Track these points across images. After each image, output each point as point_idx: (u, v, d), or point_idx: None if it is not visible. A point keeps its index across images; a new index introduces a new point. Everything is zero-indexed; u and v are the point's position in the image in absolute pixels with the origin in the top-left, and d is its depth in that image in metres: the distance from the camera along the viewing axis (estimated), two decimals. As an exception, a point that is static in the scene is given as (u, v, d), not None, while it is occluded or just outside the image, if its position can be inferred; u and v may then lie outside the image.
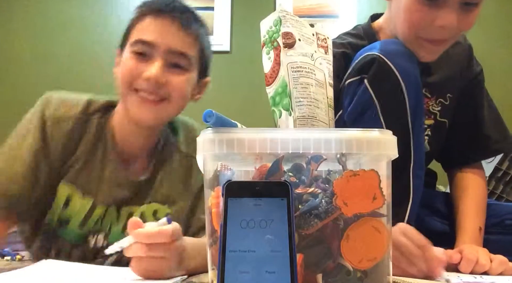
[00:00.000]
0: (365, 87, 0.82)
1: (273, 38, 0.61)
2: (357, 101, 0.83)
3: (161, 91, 0.82)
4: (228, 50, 2.51)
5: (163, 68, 0.82)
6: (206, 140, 0.50)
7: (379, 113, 0.81)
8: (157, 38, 0.82)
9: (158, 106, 0.83)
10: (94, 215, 0.87)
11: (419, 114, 0.83)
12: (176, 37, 0.83)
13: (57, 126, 0.84)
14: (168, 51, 0.83)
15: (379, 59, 0.81)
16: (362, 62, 0.84)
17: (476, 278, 0.67)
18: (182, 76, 0.85)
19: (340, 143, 0.50)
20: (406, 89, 0.80)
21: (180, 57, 0.84)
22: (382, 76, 0.81)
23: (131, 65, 0.83)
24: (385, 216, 0.51)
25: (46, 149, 0.83)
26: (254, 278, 0.39)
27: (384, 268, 0.51)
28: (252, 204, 0.43)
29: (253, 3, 2.54)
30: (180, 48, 0.84)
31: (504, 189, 1.84)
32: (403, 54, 0.84)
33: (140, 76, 0.81)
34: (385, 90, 0.81)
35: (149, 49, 0.82)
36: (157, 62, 0.82)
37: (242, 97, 2.46)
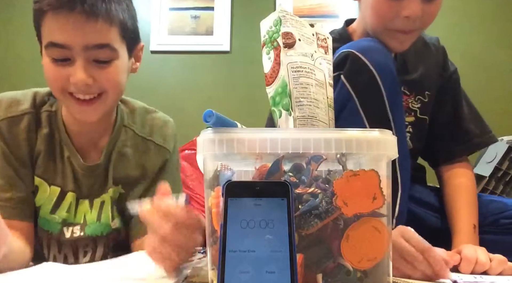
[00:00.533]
0: (342, 82, 0.85)
1: (273, 38, 0.61)
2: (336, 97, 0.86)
3: (94, 89, 0.79)
4: (228, 50, 2.51)
5: (87, 67, 0.77)
6: (206, 140, 0.50)
7: (358, 106, 0.83)
8: (68, 39, 0.75)
9: (97, 103, 0.81)
10: (64, 202, 0.88)
11: (397, 105, 0.85)
12: (85, 31, 0.75)
13: (12, 126, 0.85)
14: (85, 48, 0.76)
15: (352, 54, 0.84)
16: (337, 60, 0.86)
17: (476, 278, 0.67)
18: (109, 69, 0.80)
19: (340, 143, 0.50)
20: (381, 81, 0.82)
21: (100, 50, 0.77)
22: (357, 70, 0.84)
23: (54, 73, 0.78)
24: (385, 216, 0.51)
25: (11, 150, 0.84)
26: (254, 278, 0.39)
27: (384, 268, 0.51)
28: (252, 204, 0.43)
29: (253, 3, 2.54)
30: (95, 41, 0.76)
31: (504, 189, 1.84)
32: (376, 49, 0.87)
33: (67, 81, 0.78)
34: (361, 84, 0.84)
35: (65, 51, 0.76)
36: (77, 64, 0.76)
37: (242, 97, 2.46)
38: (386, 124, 0.83)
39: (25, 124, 0.86)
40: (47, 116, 0.88)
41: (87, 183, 0.89)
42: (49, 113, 0.88)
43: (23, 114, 0.86)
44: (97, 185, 0.90)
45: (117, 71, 0.82)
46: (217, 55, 2.53)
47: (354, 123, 0.82)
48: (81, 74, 0.76)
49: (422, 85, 1.06)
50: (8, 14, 2.61)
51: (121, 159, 0.92)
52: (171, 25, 2.54)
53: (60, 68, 0.78)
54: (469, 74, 2.31)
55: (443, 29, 2.34)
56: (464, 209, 0.99)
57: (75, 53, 0.76)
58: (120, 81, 0.83)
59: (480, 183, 1.83)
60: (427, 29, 1.02)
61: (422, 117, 1.07)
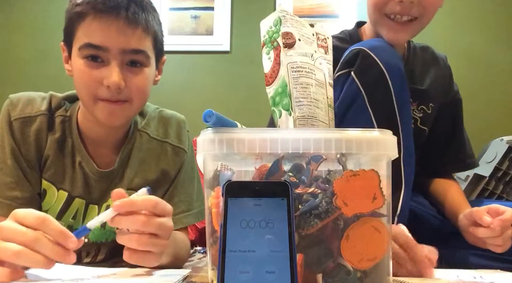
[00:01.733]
0: (352, 78, 0.86)
1: (273, 38, 0.61)
2: (345, 92, 0.87)
3: (123, 94, 0.80)
4: (228, 50, 2.51)
5: (121, 70, 0.79)
6: (206, 140, 0.50)
7: (366, 102, 0.84)
8: (106, 41, 0.77)
9: (123, 107, 0.81)
10: (71, 208, 0.88)
11: (405, 103, 0.86)
12: (126, 36, 0.78)
13: (25, 126, 0.85)
14: (121, 52, 0.78)
15: (363, 52, 0.85)
16: (348, 56, 0.88)
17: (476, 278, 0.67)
18: (141, 75, 0.82)
19: (340, 143, 0.50)
20: (390, 79, 0.83)
21: (135, 55, 0.81)
22: (367, 67, 0.85)
23: (87, 75, 0.79)
24: (385, 216, 0.51)
25: (21, 150, 0.85)
26: (254, 278, 0.39)
27: (384, 268, 0.51)
28: (252, 204, 0.43)
29: (253, 3, 2.54)
30: (133, 46, 0.79)
31: (504, 189, 1.84)
32: (386, 48, 0.88)
33: (100, 84, 0.78)
34: (370, 80, 0.85)
35: (101, 52, 0.78)
36: (113, 66, 0.78)
37: (242, 97, 2.46)
38: (393, 121, 0.84)
39: (37, 126, 0.86)
40: (61, 121, 0.88)
41: (99, 188, 0.88)
42: (63, 118, 0.88)
43: (36, 115, 0.86)
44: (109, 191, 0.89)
45: (146, 79, 0.83)
46: (217, 55, 2.53)
47: (362, 119, 0.84)
48: (116, 75, 0.77)
49: (427, 96, 1.07)
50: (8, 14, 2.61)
51: (139, 164, 0.91)
52: (171, 25, 2.53)
53: (93, 70, 0.79)
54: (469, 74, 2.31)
55: (443, 29, 2.34)
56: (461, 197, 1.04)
57: (112, 56, 0.78)
58: (147, 90, 0.85)
59: (480, 183, 1.83)
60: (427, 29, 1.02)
61: (421, 127, 1.08)
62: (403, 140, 0.84)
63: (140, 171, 0.91)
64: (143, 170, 0.91)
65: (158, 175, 0.92)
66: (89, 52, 0.78)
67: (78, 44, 0.79)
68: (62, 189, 0.88)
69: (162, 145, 0.93)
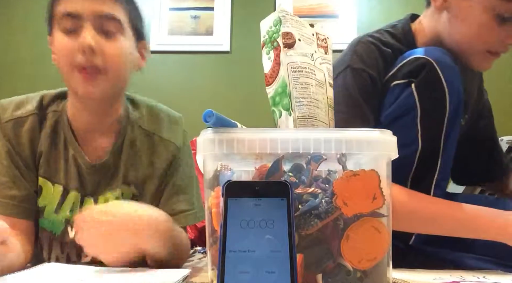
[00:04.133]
0: (411, 91, 0.82)
1: (273, 38, 0.60)
2: (399, 103, 0.84)
3: (98, 60, 0.81)
4: (228, 50, 2.51)
5: (95, 35, 0.80)
6: (206, 140, 0.50)
7: (418, 119, 0.82)
8: (81, 7, 0.81)
9: (98, 78, 0.82)
10: (67, 201, 0.89)
11: (455, 128, 0.84)
12: (98, 2, 0.82)
13: (16, 128, 0.87)
14: (95, 16, 0.81)
15: (429, 65, 0.81)
16: (412, 66, 0.84)
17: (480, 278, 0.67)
18: (115, 42, 0.83)
19: (340, 143, 0.50)
20: (449, 101, 0.81)
21: (109, 21, 0.82)
22: (431, 83, 0.81)
23: (64, 44, 0.81)
24: (385, 216, 0.51)
25: (15, 150, 0.86)
26: (254, 278, 0.39)
27: (384, 268, 0.51)
28: (252, 204, 0.43)
29: (253, 3, 2.54)
30: (105, 11, 0.82)
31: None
32: (451, 64, 0.84)
33: (76, 53, 0.80)
34: (430, 98, 0.82)
35: (76, 21, 0.81)
36: (87, 30, 0.80)
37: (242, 97, 2.46)
38: (436, 144, 0.82)
39: (29, 126, 0.87)
40: (52, 116, 0.89)
41: (92, 181, 0.89)
42: (54, 113, 0.90)
43: (27, 115, 0.88)
44: (103, 183, 0.90)
45: (121, 49, 0.84)
46: (217, 55, 2.53)
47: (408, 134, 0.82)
48: (89, 37, 0.79)
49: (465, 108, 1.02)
50: (8, 14, 2.61)
51: (132, 158, 0.91)
52: (171, 25, 2.53)
53: (70, 40, 0.81)
54: (469, 74, 2.31)
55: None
56: None
57: (85, 21, 0.80)
58: (123, 61, 0.85)
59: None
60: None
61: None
62: (441, 164, 0.83)
63: (133, 164, 0.91)
64: (135, 163, 0.91)
65: (149, 169, 0.91)
66: (65, 23, 0.81)
67: (57, 20, 0.82)
68: (57, 183, 0.88)
69: (153, 137, 0.93)
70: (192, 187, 0.95)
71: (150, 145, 0.92)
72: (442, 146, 0.82)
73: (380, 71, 0.90)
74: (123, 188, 0.90)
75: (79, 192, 0.89)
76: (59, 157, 0.88)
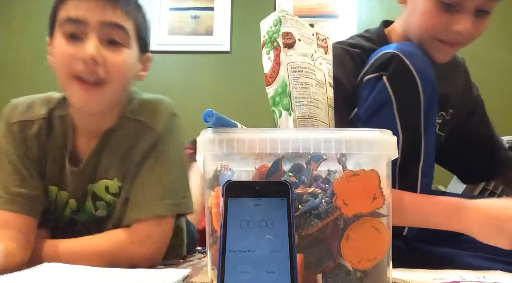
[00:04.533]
0: (383, 84, 0.83)
1: (273, 38, 0.60)
2: (374, 97, 0.85)
3: (99, 71, 0.78)
4: (228, 50, 2.51)
5: (98, 46, 0.78)
6: (206, 140, 0.50)
7: (394, 110, 0.83)
8: (86, 14, 0.77)
9: (98, 90, 0.79)
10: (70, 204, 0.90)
11: (432, 114, 0.85)
12: (107, 10, 0.78)
13: (24, 130, 0.86)
14: (101, 25, 0.78)
15: (397, 57, 0.83)
16: (381, 60, 0.85)
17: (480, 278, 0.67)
18: (120, 54, 0.80)
19: (340, 143, 0.50)
20: (422, 88, 0.82)
21: (115, 31, 0.79)
22: (401, 74, 0.82)
23: (65, 50, 0.78)
24: (385, 216, 0.51)
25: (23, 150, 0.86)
26: (254, 278, 0.39)
27: (384, 268, 0.51)
28: (252, 204, 0.43)
29: (253, 3, 2.54)
30: (113, 19, 0.79)
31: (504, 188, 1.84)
32: (420, 55, 0.85)
33: (76, 60, 0.77)
34: (402, 88, 0.83)
35: (80, 27, 0.77)
36: (91, 39, 0.77)
37: (242, 97, 2.46)
38: (417, 132, 0.83)
39: (36, 129, 0.87)
40: (59, 122, 0.89)
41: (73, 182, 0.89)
42: (61, 118, 0.89)
43: (34, 120, 0.87)
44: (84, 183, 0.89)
45: (126, 61, 0.82)
46: (217, 55, 2.53)
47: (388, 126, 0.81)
48: (92, 47, 0.76)
49: (448, 102, 1.04)
50: (8, 14, 2.61)
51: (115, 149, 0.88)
52: (171, 25, 2.54)
53: (71, 46, 0.78)
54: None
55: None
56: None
57: (90, 29, 0.77)
58: (126, 72, 0.83)
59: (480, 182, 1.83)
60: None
61: (439, 133, 1.04)
62: (424, 152, 0.83)
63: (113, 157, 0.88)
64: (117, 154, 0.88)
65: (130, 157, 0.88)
66: (68, 28, 0.78)
67: (59, 23, 0.80)
68: (61, 189, 0.89)
69: (136, 123, 0.88)
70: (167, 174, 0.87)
71: (134, 132, 0.88)
72: (422, 133, 0.83)
73: (348, 71, 0.92)
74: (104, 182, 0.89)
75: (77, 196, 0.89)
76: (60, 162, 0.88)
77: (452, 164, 1.16)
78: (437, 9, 0.87)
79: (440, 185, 1.70)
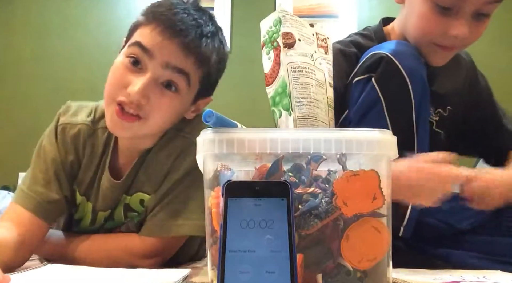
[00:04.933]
0: (372, 85, 0.83)
1: (273, 38, 0.61)
2: (363, 99, 0.84)
3: (140, 110, 0.76)
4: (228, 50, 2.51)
5: (154, 84, 0.75)
6: (206, 140, 0.50)
7: (384, 111, 0.82)
8: (156, 47, 0.75)
9: (132, 124, 0.77)
10: (99, 217, 0.90)
11: (423, 114, 0.84)
12: (178, 53, 0.75)
13: (65, 132, 0.87)
14: (165, 65, 0.75)
15: (386, 58, 0.82)
16: (370, 61, 0.85)
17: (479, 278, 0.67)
18: (169, 99, 0.77)
19: (340, 143, 0.50)
20: (412, 88, 0.81)
21: (176, 74, 0.76)
22: (389, 75, 0.82)
23: (120, 74, 0.76)
24: (385, 216, 0.51)
25: (60, 152, 0.86)
26: (254, 278, 0.39)
27: (384, 268, 0.51)
28: (252, 204, 0.43)
29: (253, 3, 2.54)
30: (178, 64, 0.76)
31: None
32: (410, 54, 0.85)
33: (124, 86, 0.75)
34: (391, 89, 0.82)
35: (145, 56, 0.75)
36: (147, 75, 0.75)
37: (242, 97, 2.46)
38: (409, 132, 0.82)
39: (76, 133, 0.86)
40: (102, 133, 0.88)
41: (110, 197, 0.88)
42: (104, 129, 0.87)
43: (78, 124, 0.87)
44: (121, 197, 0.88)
45: (172, 105, 0.79)
46: (217, 55, 2.53)
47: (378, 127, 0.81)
48: (140, 88, 0.74)
49: (445, 99, 1.02)
50: (8, 14, 2.61)
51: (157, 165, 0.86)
52: (171, 25, 2.54)
53: (128, 71, 0.76)
54: (469, 74, 2.31)
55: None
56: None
57: (152, 65, 0.75)
58: (169, 116, 0.80)
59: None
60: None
61: (437, 130, 1.02)
62: (418, 152, 0.82)
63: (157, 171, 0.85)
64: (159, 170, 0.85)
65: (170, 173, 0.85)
66: (134, 51, 0.76)
67: (130, 42, 0.78)
68: (90, 201, 0.89)
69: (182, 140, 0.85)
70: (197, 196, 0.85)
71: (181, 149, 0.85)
72: (415, 133, 0.83)
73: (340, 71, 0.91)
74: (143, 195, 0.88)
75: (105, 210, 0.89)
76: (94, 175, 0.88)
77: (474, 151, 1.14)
78: (434, 12, 0.85)
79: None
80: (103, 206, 0.89)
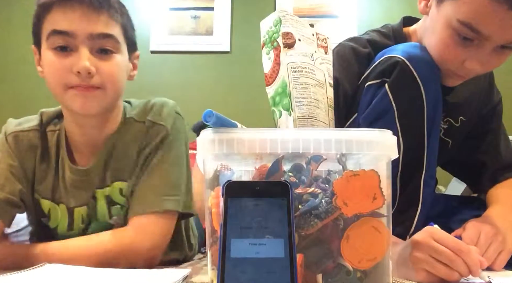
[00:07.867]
0: (385, 91, 0.81)
1: (273, 38, 0.61)
2: (375, 105, 0.82)
3: (95, 80, 0.79)
4: (228, 50, 2.51)
5: (90, 56, 0.79)
6: (206, 140, 0.50)
7: (396, 119, 0.80)
8: (73, 26, 0.78)
9: (95, 94, 0.80)
10: (76, 217, 0.89)
11: (436, 124, 0.82)
12: (91, 20, 0.79)
13: (17, 139, 0.88)
14: (90, 36, 0.79)
15: (402, 64, 0.79)
16: (384, 65, 0.82)
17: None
18: (111, 61, 0.82)
19: (340, 143, 0.50)
20: (425, 98, 0.79)
21: (105, 40, 0.81)
22: (404, 82, 0.79)
23: (56, 63, 0.79)
24: (385, 216, 0.51)
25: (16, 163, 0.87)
26: (254, 278, 0.39)
27: (384, 268, 0.51)
28: (252, 204, 0.43)
29: (253, 3, 2.54)
30: (100, 30, 0.79)
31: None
32: (427, 61, 0.82)
33: (70, 72, 0.78)
34: (405, 97, 0.80)
35: (69, 39, 0.78)
36: (82, 51, 0.78)
37: (242, 97, 2.46)
38: (419, 141, 0.81)
39: (29, 139, 0.88)
40: (51, 136, 0.90)
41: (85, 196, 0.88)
42: (53, 133, 0.90)
43: (28, 130, 0.89)
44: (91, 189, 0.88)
45: (118, 66, 0.83)
46: (217, 55, 2.53)
47: None
48: (85, 59, 0.77)
49: (459, 109, 0.98)
50: (8, 14, 2.61)
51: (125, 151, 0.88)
52: (171, 25, 2.54)
53: (62, 59, 0.79)
54: (469, 74, 2.31)
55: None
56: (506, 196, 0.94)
57: (79, 42, 0.78)
58: (120, 78, 0.84)
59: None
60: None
61: (444, 138, 1.00)
62: (427, 162, 0.81)
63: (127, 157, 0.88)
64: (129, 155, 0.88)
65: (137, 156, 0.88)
66: (56, 40, 0.79)
67: (45, 36, 0.80)
68: (60, 203, 0.89)
69: (143, 124, 0.89)
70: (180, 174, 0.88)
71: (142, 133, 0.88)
72: (426, 143, 0.81)
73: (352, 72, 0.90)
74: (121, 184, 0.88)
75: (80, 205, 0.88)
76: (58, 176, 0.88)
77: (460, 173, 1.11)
78: (455, 41, 0.80)
79: (440, 185, 1.69)
80: (77, 200, 0.88)
